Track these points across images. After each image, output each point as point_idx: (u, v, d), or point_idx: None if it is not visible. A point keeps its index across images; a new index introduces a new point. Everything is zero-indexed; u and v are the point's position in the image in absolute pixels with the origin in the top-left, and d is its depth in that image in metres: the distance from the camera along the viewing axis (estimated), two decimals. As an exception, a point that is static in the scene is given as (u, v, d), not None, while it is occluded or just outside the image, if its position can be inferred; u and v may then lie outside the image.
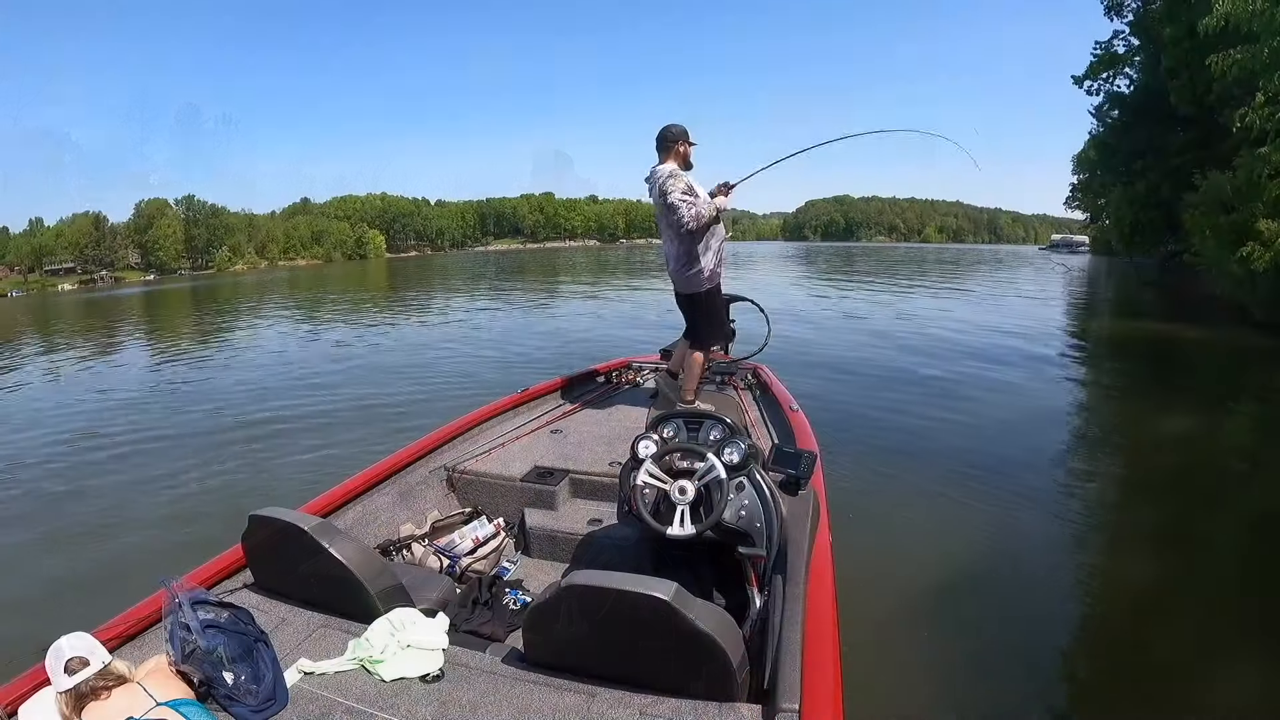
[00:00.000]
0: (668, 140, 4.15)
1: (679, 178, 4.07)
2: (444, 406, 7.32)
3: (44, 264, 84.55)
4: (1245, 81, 12.52)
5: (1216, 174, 14.14)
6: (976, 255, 66.84)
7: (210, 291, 42.12)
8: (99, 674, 1.60)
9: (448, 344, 13.55)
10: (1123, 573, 4.18)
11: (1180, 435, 6.78)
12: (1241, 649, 3.27)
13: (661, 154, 4.17)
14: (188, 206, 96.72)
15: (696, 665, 1.70)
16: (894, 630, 3.38)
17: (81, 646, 1.63)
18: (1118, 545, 4.65)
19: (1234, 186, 13.27)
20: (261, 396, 9.30)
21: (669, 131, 4.15)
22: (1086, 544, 4.64)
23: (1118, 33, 25.29)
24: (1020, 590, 3.91)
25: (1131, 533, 4.82)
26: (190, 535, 4.49)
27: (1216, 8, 11.32)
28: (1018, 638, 3.48)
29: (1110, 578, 4.15)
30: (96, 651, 1.64)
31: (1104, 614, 3.73)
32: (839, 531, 2.77)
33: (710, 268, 4.27)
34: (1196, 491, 5.37)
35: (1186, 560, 4.30)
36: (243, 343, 15.80)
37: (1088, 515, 5.06)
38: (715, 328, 4.46)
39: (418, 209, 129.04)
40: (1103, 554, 4.54)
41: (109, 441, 7.47)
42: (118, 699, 1.59)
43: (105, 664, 1.63)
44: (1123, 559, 4.40)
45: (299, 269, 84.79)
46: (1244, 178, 12.83)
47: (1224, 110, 14.76)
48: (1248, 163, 12.56)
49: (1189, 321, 14.82)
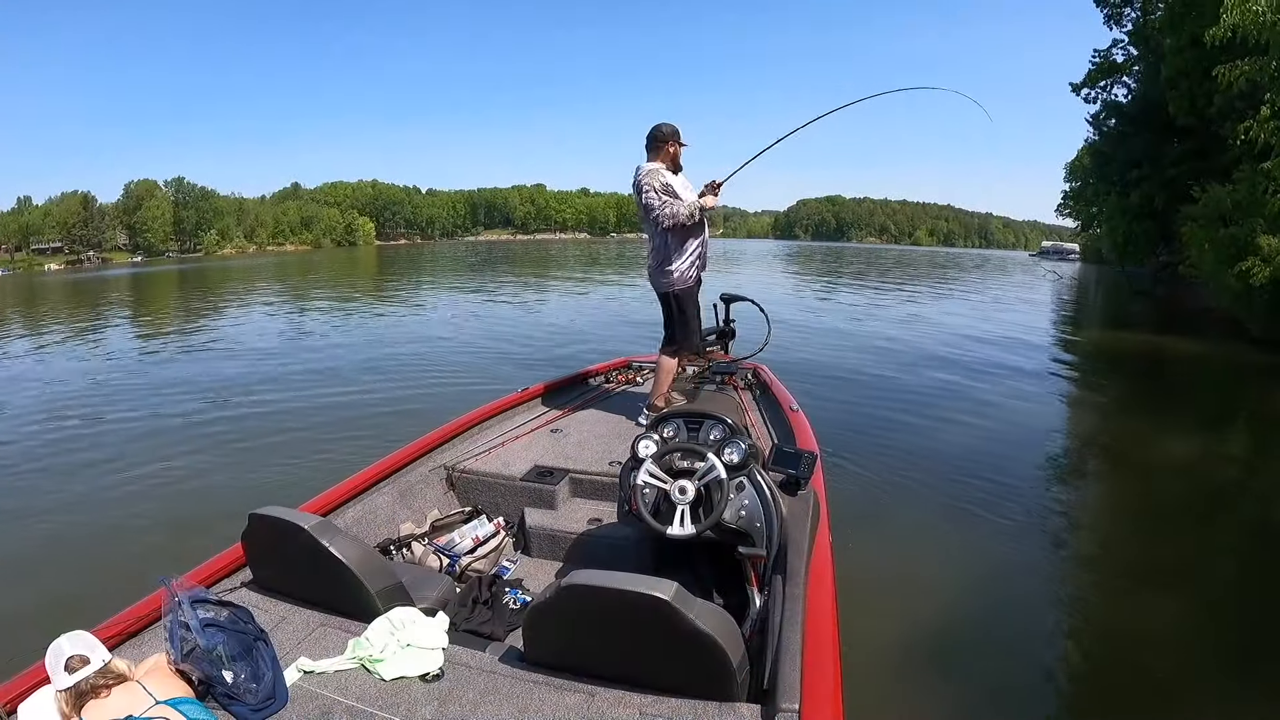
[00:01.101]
0: (657, 140, 4.12)
1: (658, 175, 4.06)
2: (443, 405, 7.30)
3: (31, 243, 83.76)
4: (1250, 95, 12.39)
5: (1217, 187, 14.01)
6: (968, 259, 67.19)
7: (199, 275, 41.73)
8: (99, 672, 1.59)
9: (444, 341, 13.44)
10: (1122, 575, 4.18)
11: (1178, 448, 6.74)
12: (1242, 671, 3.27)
13: (650, 153, 4.15)
14: (177, 188, 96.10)
15: (696, 665, 1.69)
16: (894, 630, 3.38)
17: (81, 645, 1.61)
18: (1116, 547, 4.65)
19: (1234, 200, 13.12)
20: (260, 393, 9.16)
21: (659, 131, 4.12)
22: (1085, 548, 4.66)
23: (1116, 41, 25.43)
24: (1020, 591, 3.93)
25: (1132, 532, 4.85)
26: (189, 533, 4.44)
27: (1224, 18, 11.05)
28: (1017, 638, 3.50)
29: (1110, 580, 4.15)
30: (96, 650, 1.62)
31: (1104, 616, 3.74)
32: (839, 531, 2.77)
33: (682, 270, 4.23)
34: (1194, 501, 5.37)
35: (1187, 561, 4.33)
36: (236, 335, 15.57)
37: (1086, 520, 5.09)
38: (687, 333, 4.38)
39: (408, 197, 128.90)
40: (1101, 557, 4.54)
41: (104, 438, 7.33)
42: (117, 697, 1.57)
43: (105, 662, 1.61)
44: (1121, 562, 4.39)
45: (287, 254, 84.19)
46: (1245, 192, 12.69)
47: (1225, 123, 14.69)
48: (1249, 177, 12.44)
49: (1184, 335, 14.74)
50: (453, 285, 27.75)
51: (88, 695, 1.56)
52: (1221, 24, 11.08)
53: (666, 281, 4.28)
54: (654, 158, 4.14)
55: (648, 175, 4.07)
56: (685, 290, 4.30)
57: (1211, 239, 13.55)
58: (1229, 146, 13.58)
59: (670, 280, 4.26)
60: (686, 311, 4.34)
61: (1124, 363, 12.29)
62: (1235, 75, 11.49)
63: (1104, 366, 11.93)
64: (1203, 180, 15.07)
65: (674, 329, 4.40)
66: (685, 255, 4.22)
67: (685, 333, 4.37)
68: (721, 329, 5.28)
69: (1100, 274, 36.88)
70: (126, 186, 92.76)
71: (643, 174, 4.10)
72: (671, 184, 4.08)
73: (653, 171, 4.08)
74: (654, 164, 4.12)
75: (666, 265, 4.23)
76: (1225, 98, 14.26)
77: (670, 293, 4.32)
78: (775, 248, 79.76)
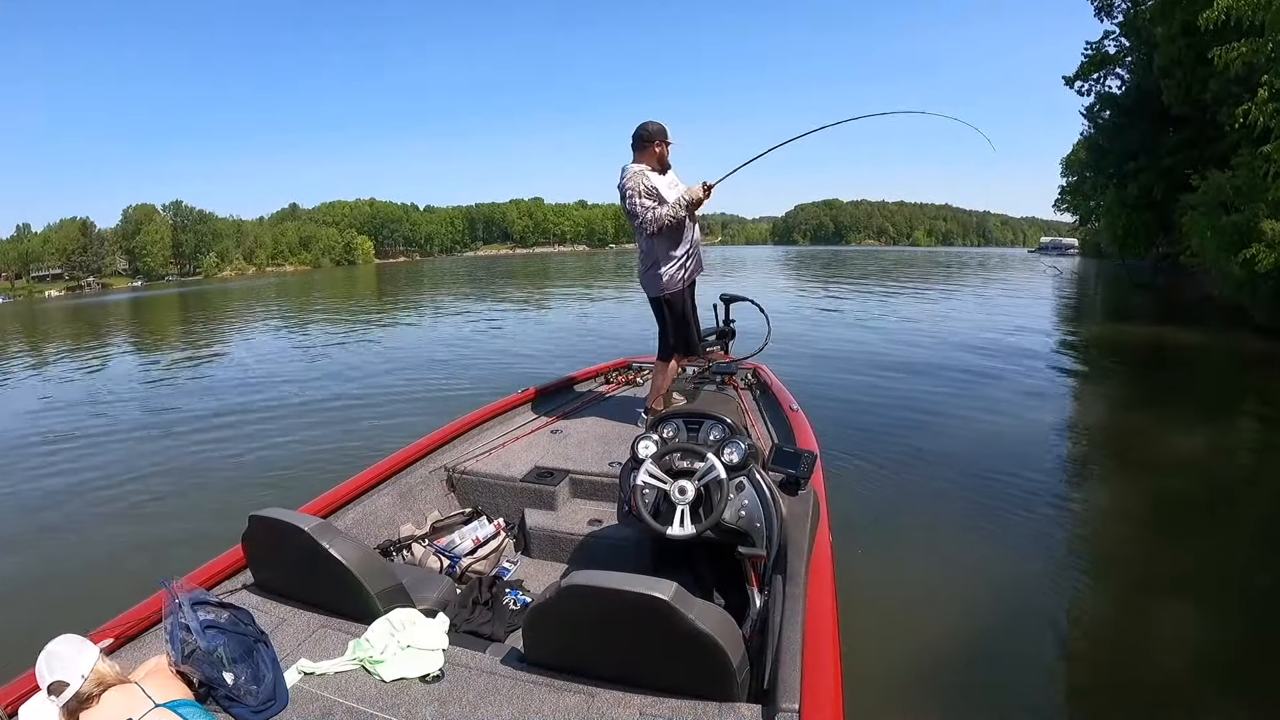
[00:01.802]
0: (642, 139, 4.00)
1: (642, 177, 3.96)
2: (443, 407, 7.31)
3: (31, 270, 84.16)
4: (1245, 79, 12.22)
5: (1217, 173, 13.66)
6: (967, 258, 67.08)
7: (199, 298, 41.88)
8: (91, 681, 1.57)
9: (444, 348, 13.50)
10: (1126, 574, 4.14)
11: (1183, 441, 6.59)
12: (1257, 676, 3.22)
13: (636, 152, 4.05)
14: (175, 212, 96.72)
15: (696, 665, 1.69)
16: (894, 630, 3.36)
17: (66, 652, 1.60)
18: (1120, 545, 4.59)
19: (1235, 186, 12.79)
20: (260, 399, 9.27)
21: (644, 129, 4.00)
22: (1088, 547, 4.61)
23: (1108, 33, 25.22)
24: (1020, 591, 3.89)
25: (1137, 529, 4.76)
26: (190, 535, 4.45)
27: (1218, 1, 10.92)
28: (1018, 638, 3.47)
29: (1113, 580, 4.10)
30: (84, 653, 1.61)
31: (1107, 616, 3.70)
32: (839, 531, 2.76)
33: (670, 273, 4.14)
34: (1201, 497, 5.24)
35: (1194, 561, 4.26)
36: (238, 348, 15.70)
37: (1089, 517, 5.03)
38: (682, 338, 4.32)
39: (406, 214, 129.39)
40: (1105, 556, 4.48)
41: (106, 443, 7.46)
42: (115, 700, 1.56)
43: (84, 678, 1.58)
44: (1125, 561, 4.35)
45: (287, 275, 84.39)
46: (1245, 177, 12.41)
47: (1221, 108, 14.55)
48: (1249, 161, 12.25)
49: (1186, 325, 14.49)
50: (453, 299, 27.79)
51: (85, 702, 1.55)
52: (1215, 7, 10.94)
53: (656, 286, 4.22)
54: (639, 157, 4.03)
55: (632, 178, 3.97)
56: (675, 295, 4.21)
57: (1214, 226, 13.23)
58: (1225, 133, 13.45)
59: (660, 285, 4.19)
60: (679, 316, 4.26)
61: (1127, 355, 12.09)
62: (1232, 57, 11.23)
63: (1107, 359, 11.79)
64: (1200, 168, 14.89)
65: (669, 336, 4.33)
66: (673, 260, 4.13)
67: (681, 338, 4.30)
68: (721, 329, 5.28)
69: (1100, 268, 36.75)
70: (125, 211, 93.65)
71: (627, 176, 4.00)
72: (657, 185, 3.97)
73: (638, 173, 3.97)
74: (639, 165, 4.01)
75: (655, 270, 4.17)
76: (1221, 82, 14.12)
77: (660, 297, 4.25)
78: (774, 253, 79.83)
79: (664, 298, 4.24)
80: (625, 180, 4.01)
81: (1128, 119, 24.57)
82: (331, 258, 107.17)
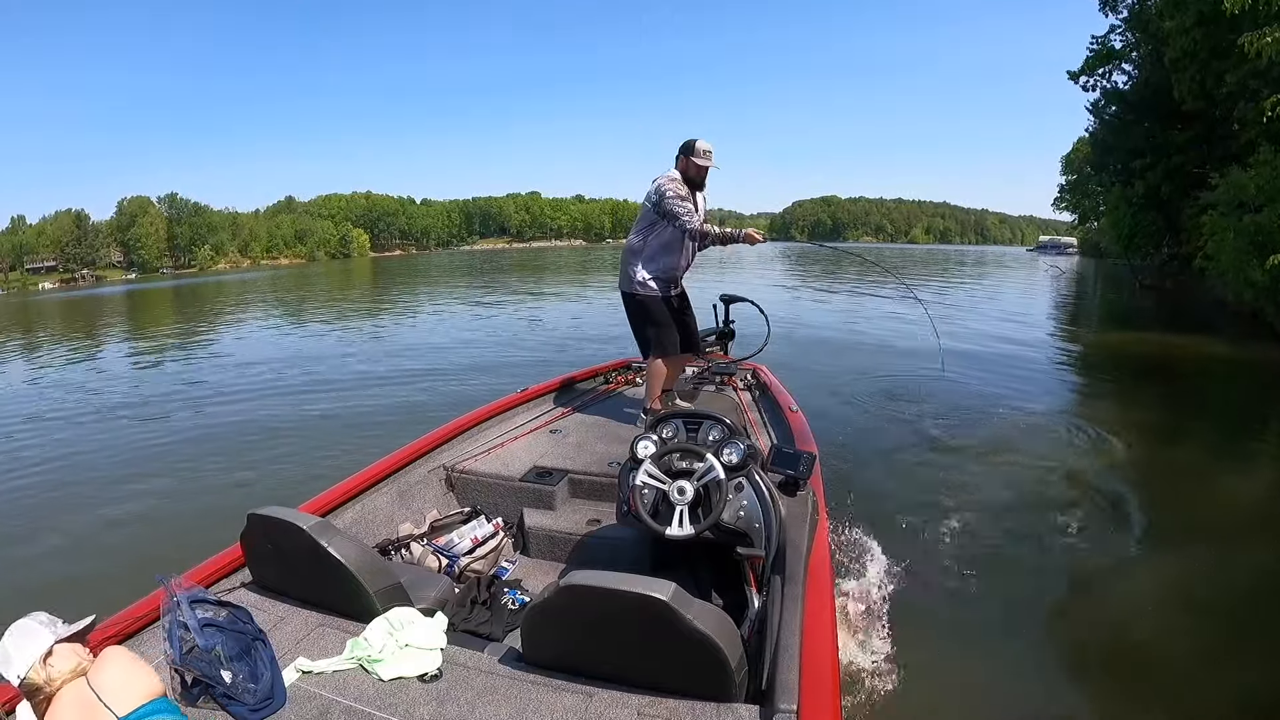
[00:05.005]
0: (681, 150, 4.21)
1: (678, 184, 4.12)
2: (442, 406, 7.33)
3: (25, 262, 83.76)
4: (1265, 72, 11.73)
5: (1238, 171, 13.14)
6: (966, 256, 67.03)
7: (193, 291, 41.68)
8: (38, 674, 1.44)
9: (444, 345, 13.46)
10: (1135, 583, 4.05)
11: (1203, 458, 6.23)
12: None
13: (677, 160, 4.23)
14: (170, 204, 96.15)
15: (694, 665, 1.69)
16: (893, 630, 3.36)
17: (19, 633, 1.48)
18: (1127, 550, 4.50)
19: (1258, 185, 12.12)
20: (258, 396, 9.24)
21: (688, 142, 4.18)
22: (1091, 550, 4.50)
23: (1114, 27, 24.79)
24: (1020, 591, 3.91)
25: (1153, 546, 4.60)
26: (188, 533, 4.44)
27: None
28: (1016, 638, 3.49)
29: (1117, 580, 4.08)
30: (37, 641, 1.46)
31: (1105, 618, 3.69)
32: (837, 532, 2.76)
33: (645, 278, 4.29)
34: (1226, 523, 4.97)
35: (1187, 561, 4.27)
36: (232, 343, 15.64)
37: (1095, 524, 4.87)
38: (661, 338, 4.37)
39: (403, 208, 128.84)
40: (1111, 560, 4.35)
41: (105, 440, 7.43)
42: (71, 713, 1.42)
43: (29, 667, 1.44)
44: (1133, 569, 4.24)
45: (282, 268, 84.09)
46: (1268, 175, 11.86)
47: (1237, 104, 14.08)
48: (1270, 159, 11.87)
49: (1201, 333, 13.70)
50: (450, 294, 27.73)
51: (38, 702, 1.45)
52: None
53: (629, 283, 4.34)
54: (677, 165, 4.22)
55: (669, 181, 4.13)
56: (648, 296, 4.32)
57: (1237, 227, 12.67)
58: (1238, 131, 12.95)
59: (633, 283, 4.32)
60: (651, 318, 4.35)
61: (1135, 363, 11.40)
62: (1266, 42, 10.27)
63: (1115, 367, 11.17)
64: (1210, 166, 14.51)
65: (644, 333, 4.42)
66: (657, 264, 4.28)
67: (656, 340, 4.37)
68: (721, 329, 5.29)
69: (1100, 268, 36.60)
70: (119, 203, 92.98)
71: (665, 178, 4.16)
72: (684, 195, 4.14)
73: (676, 180, 4.14)
74: (675, 172, 4.20)
75: (635, 266, 4.30)
76: (1239, 75, 13.47)
77: (632, 293, 4.36)
78: (771, 249, 79.98)
79: (636, 296, 4.35)
80: (662, 181, 4.15)
81: (1134, 114, 24.00)
82: (327, 251, 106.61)
